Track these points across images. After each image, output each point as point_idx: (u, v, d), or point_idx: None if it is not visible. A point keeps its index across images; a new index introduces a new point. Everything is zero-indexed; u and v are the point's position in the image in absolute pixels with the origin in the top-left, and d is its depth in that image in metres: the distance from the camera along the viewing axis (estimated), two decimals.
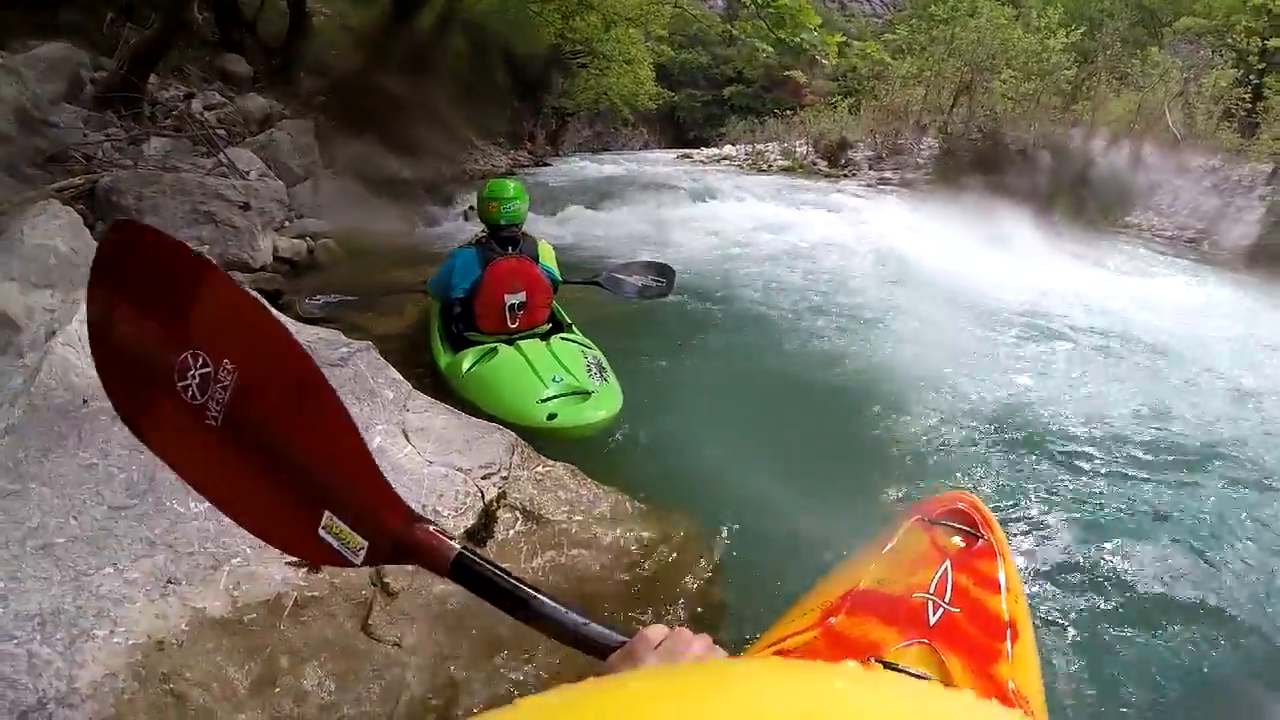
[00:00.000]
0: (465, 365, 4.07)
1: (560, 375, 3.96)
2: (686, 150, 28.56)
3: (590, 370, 4.05)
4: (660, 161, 23.36)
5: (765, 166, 21.94)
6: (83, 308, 2.54)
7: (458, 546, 1.04)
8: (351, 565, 1.08)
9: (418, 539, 1.05)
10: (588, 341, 4.42)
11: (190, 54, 10.82)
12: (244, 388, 1.08)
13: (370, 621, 2.12)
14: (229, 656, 1.94)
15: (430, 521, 1.07)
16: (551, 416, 3.69)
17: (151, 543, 2.05)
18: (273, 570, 2.08)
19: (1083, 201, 14.72)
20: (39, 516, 2.03)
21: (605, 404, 3.86)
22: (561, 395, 3.85)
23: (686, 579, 2.77)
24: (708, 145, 29.20)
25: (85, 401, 2.31)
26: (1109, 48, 19.02)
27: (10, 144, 7.16)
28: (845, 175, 19.94)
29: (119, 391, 1.22)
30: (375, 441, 2.57)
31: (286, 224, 7.85)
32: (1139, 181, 14.97)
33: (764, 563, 3.05)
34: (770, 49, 15.07)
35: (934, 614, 1.66)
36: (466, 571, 1.03)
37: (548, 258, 4.52)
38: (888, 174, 19.01)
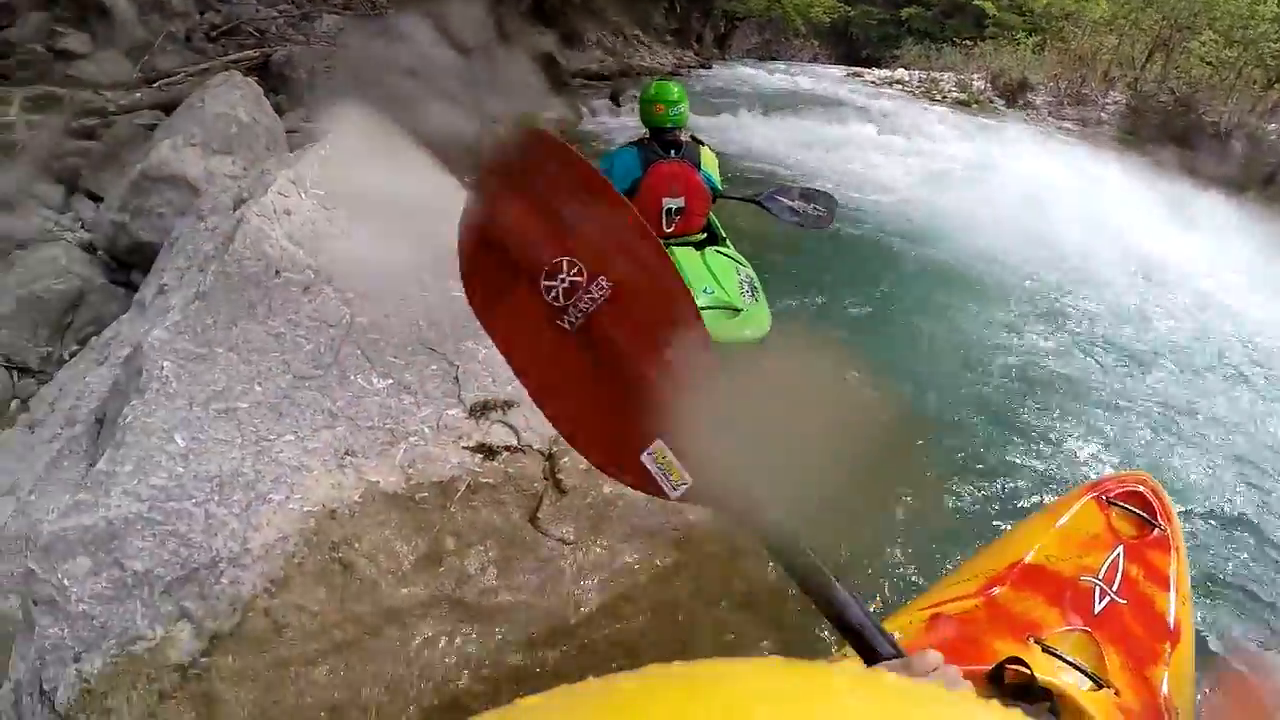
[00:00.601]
0: None
1: (711, 287, 3.84)
2: (857, 69, 27.18)
3: (742, 287, 3.91)
4: (829, 78, 22.21)
5: (939, 96, 20.75)
6: (279, 181, 2.58)
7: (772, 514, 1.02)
8: (664, 496, 1.09)
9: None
10: (741, 257, 4.26)
11: None
12: (612, 306, 1.12)
13: (539, 515, 2.11)
14: (398, 531, 1.96)
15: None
16: None
17: (333, 414, 2.07)
18: (449, 453, 2.08)
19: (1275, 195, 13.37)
20: (224, 381, 2.07)
21: (754, 323, 3.71)
22: (710, 308, 3.72)
23: (836, 525, 2.68)
24: (879, 66, 27.72)
25: (277, 272, 2.33)
26: None
27: (185, 18, 7.42)
28: (1024, 118, 18.72)
29: (474, 273, 1.24)
30: None
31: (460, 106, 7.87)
32: None
33: (910, 524, 2.96)
34: None
35: (1099, 601, 1.64)
36: (772, 538, 1.02)
37: (709, 165, 4.35)
38: (1068, 124, 17.67)
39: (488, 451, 2.13)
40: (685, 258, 4.00)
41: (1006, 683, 1.39)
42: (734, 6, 25.35)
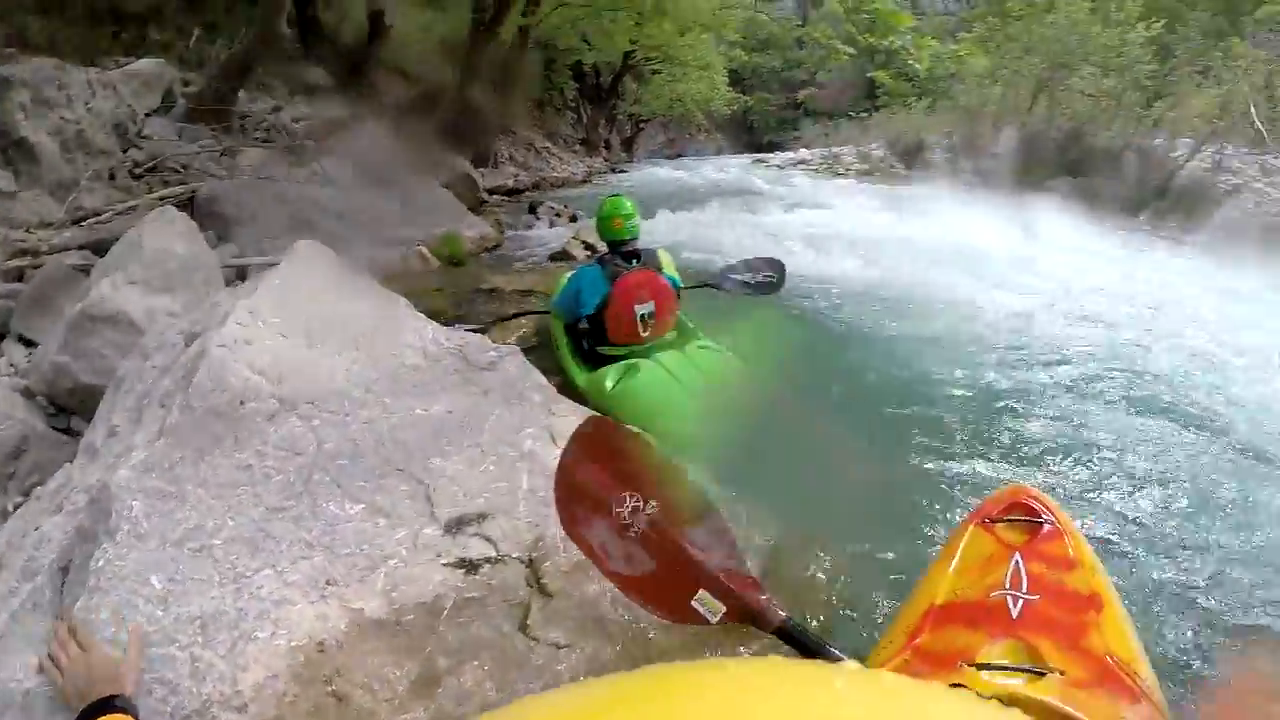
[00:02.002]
0: (609, 384, 4.04)
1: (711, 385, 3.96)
2: (761, 155, 28.05)
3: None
4: (736, 167, 23.11)
5: (842, 170, 21.63)
6: (238, 311, 2.59)
7: (784, 614, 1.56)
8: (708, 624, 1.62)
9: (759, 609, 1.57)
10: (721, 347, 4.38)
11: (274, 68, 11.09)
12: (659, 517, 1.73)
13: (528, 622, 2.09)
14: (389, 658, 1.92)
15: (767, 594, 1.60)
16: None
17: (309, 544, 2.04)
18: (430, 572, 2.06)
19: (1168, 205, 14.13)
20: (196, 518, 2.03)
21: None
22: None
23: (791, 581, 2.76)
24: (781, 149, 28.87)
25: (242, 403, 2.32)
26: (1188, 40, 18.33)
27: (109, 156, 7.46)
28: (923, 178, 19.45)
29: (568, 509, 1.94)
30: (526, 445, 2.55)
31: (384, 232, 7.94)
32: (1220, 183, 14.22)
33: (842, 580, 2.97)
34: (850, 50, 15.02)
35: (1015, 607, 1.72)
36: (789, 634, 1.50)
37: (669, 266, 4.54)
38: (966, 175, 18.51)
39: (469, 566, 2.11)
40: (672, 362, 4.09)
41: None
42: (637, 110, 26.50)
